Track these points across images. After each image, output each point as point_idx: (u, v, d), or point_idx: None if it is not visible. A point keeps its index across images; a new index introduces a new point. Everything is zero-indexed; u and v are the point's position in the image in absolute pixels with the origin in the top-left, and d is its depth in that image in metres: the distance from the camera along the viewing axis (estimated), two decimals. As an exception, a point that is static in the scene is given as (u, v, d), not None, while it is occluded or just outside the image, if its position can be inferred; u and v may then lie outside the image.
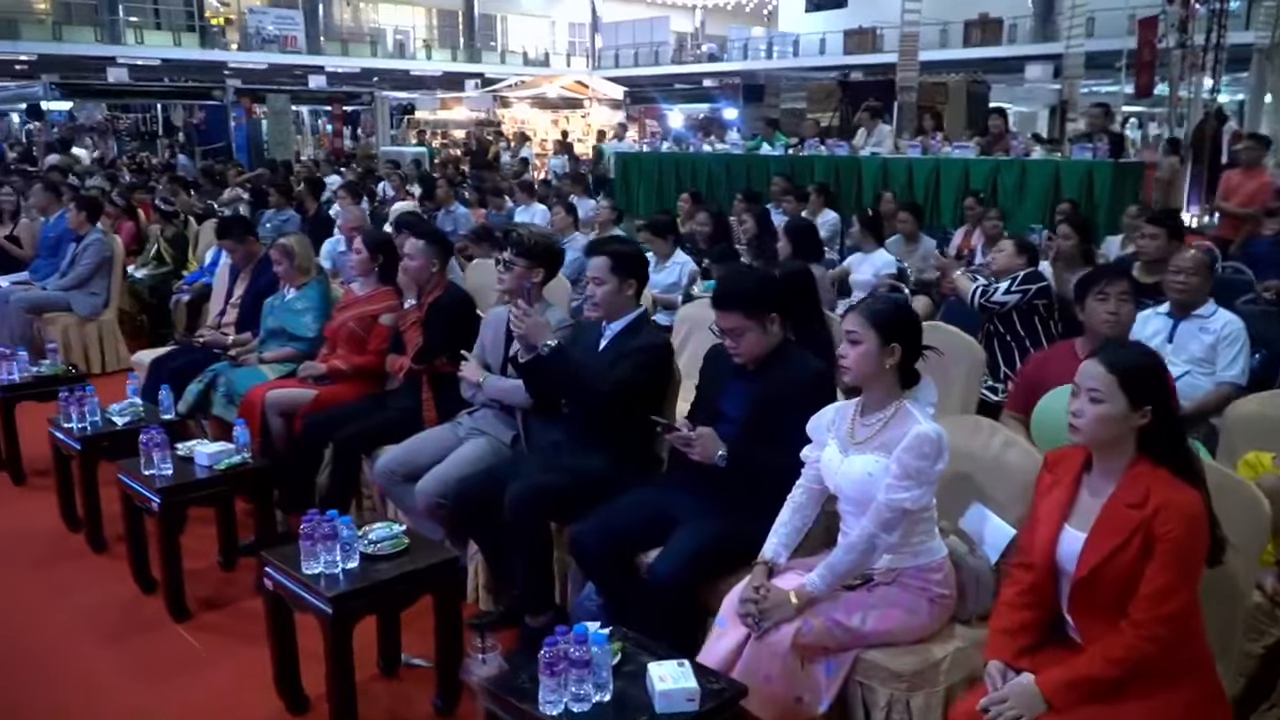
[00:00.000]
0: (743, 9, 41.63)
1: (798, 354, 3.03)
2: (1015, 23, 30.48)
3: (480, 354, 3.88)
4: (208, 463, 3.58)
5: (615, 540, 2.98)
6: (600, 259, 3.39)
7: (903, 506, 2.37)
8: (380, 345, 4.45)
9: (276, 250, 4.81)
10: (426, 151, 17.68)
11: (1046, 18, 29.90)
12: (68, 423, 4.05)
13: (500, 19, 40.36)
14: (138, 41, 29.01)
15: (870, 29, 32.01)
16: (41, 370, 4.87)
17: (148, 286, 7.59)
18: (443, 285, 4.19)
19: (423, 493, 3.51)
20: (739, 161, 10.69)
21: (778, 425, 2.87)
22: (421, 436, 3.84)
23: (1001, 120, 9.56)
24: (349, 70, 31.80)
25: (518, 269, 3.70)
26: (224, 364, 4.79)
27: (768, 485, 2.86)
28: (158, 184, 11.53)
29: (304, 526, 2.71)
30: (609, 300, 3.38)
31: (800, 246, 5.29)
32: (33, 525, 4.37)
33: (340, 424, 4.12)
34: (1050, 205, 8.25)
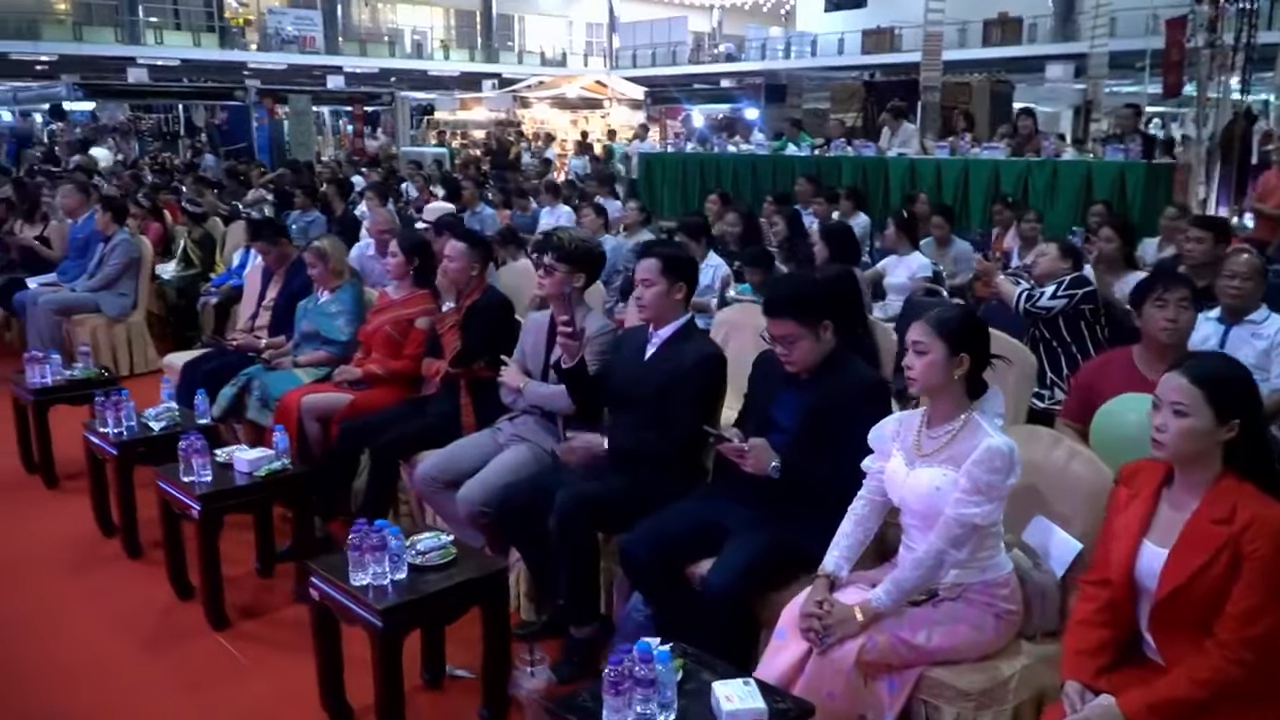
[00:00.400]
0: (760, 9, 41.52)
1: (852, 361, 2.97)
2: (1035, 22, 30.31)
3: (520, 359, 3.82)
4: (247, 469, 3.53)
5: (664, 550, 2.92)
6: (650, 260, 3.33)
7: (972, 522, 2.30)
8: (416, 350, 4.40)
9: (311, 253, 4.77)
10: (447, 152, 17.66)
11: (1067, 17, 29.72)
12: (103, 427, 4.02)
13: (518, 19, 40.39)
14: (158, 42, 29.12)
15: (889, 29, 31.88)
16: (74, 374, 4.85)
17: (175, 288, 7.57)
18: (482, 288, 4.14)
19: (465, 501, 3.46)
20: (764, 162, 10.62)
21: (832, 435, 2.80)
22: (461, 443, 3.79)
23: (1031, 121, 9.45)
24: (367, 70, 31.85)
25: (558, 274, 3.65)
26: (258, 368, 4.75)
27: (822, 496, 2.81)
28: (181, 184, 11.56)
29: (352, 537, 2.66)
30: (657, 303, 3.32)
31: (838, 250, 5.22)
32: (66, 530, 4.34)
33: (377, 429, 4.07)
34: (1082, 207, 8.17)
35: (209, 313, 7.25)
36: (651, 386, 3.27)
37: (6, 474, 4.99)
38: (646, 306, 3.33)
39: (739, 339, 4.31)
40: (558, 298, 3.66)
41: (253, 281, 5.71)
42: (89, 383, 4.82)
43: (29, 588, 3.87)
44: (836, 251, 5.21)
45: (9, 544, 4.25)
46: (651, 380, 3.28)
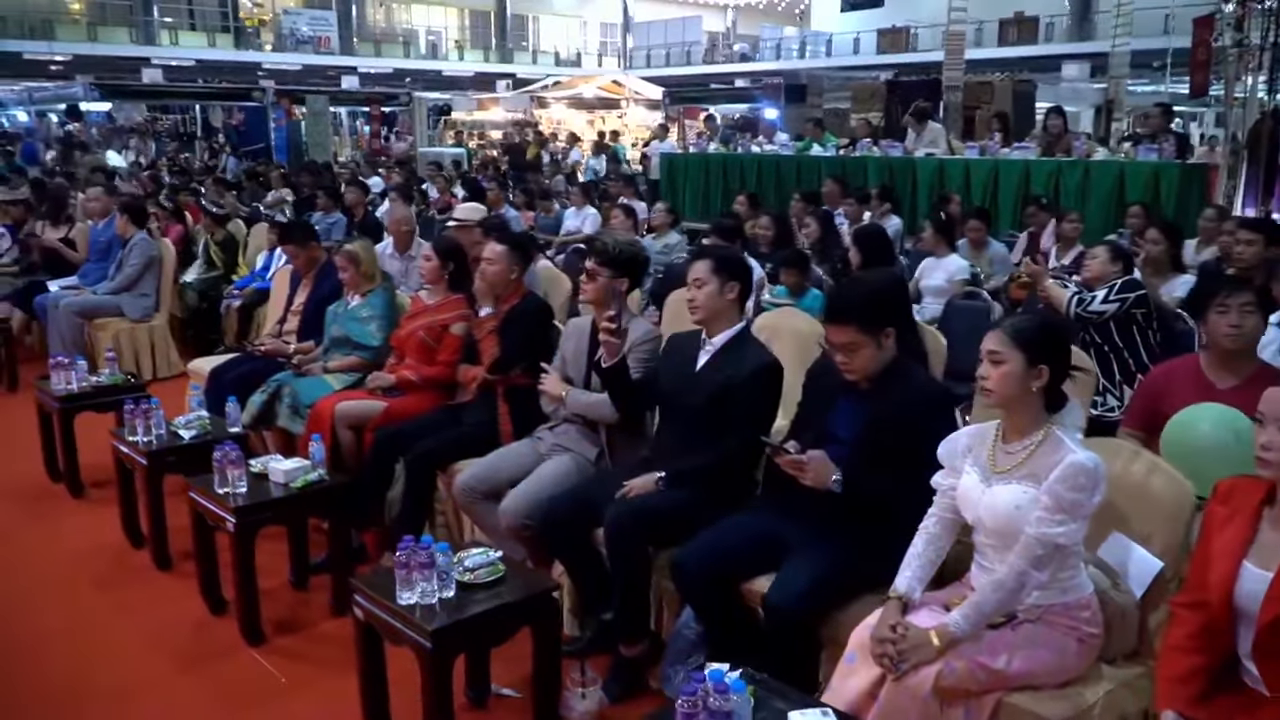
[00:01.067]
0: (775, 8, 41.37)
1: (913, 369, 2.86)
2: (1052, 21, 30.16)
3: (560, 366, 3.72)
4: (283, 480, 3.44)
5: (719, 566, 2.81)
6: (703, 260, 3.23)
7: (1055, 542, 2.19)
8: (451, 356, 4.30)
9: (342, 256, 4.68)
10: (465, 152, 17.57)
11: (1084, 16, 29.57)
12: (132, 436, 3.93)
13: (532, 19, 40.33)
14: (172, 42, 29.18)
15: (904, 28, 31.76)
16: (101, 380, 4.76)
17: (197, 290, 7.50)
18: (520, 293, 4.04)
19: (507, 513, 3.36)
20: (789, 162, 10.49)
21: (895, 447, 2.69)
22: (501, 453, 3.68)
23: (1061, 120, 9.29)
24: (382, 71, 31.84)
25: (601, 279, 3.54)
26: (287, 374, 4.66)
27: (885, 510, 2.70)
28: (200, 185, 11.50)
29: (399, 554, 2.55)
30: (710, 304, 3.21)
31: (871, 253, 5.09)
32: (94, 541, 4.26)
33: (412, 438, 3.97)
34: (1115, 208, 8.03)
35: (232, 316, 7.17)
36: (703, 395, 3.17)
37: (31, 483, 4.91)
38: (699, 308, 3.23)
39: (779, 344, 4.15)
40: (601, 301, 3.57)
41: (280, 285, 5.62)
42: (116, 389, 4.74)
43: (58, 601, 3.79)
44: (869, 255, 5.09)
45: (37, 556, 4.17)
46: (703, 389, 3.18)
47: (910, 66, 26.92)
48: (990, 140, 9.37)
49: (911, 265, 6.40)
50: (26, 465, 5.04)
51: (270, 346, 4.99)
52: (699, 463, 3.11)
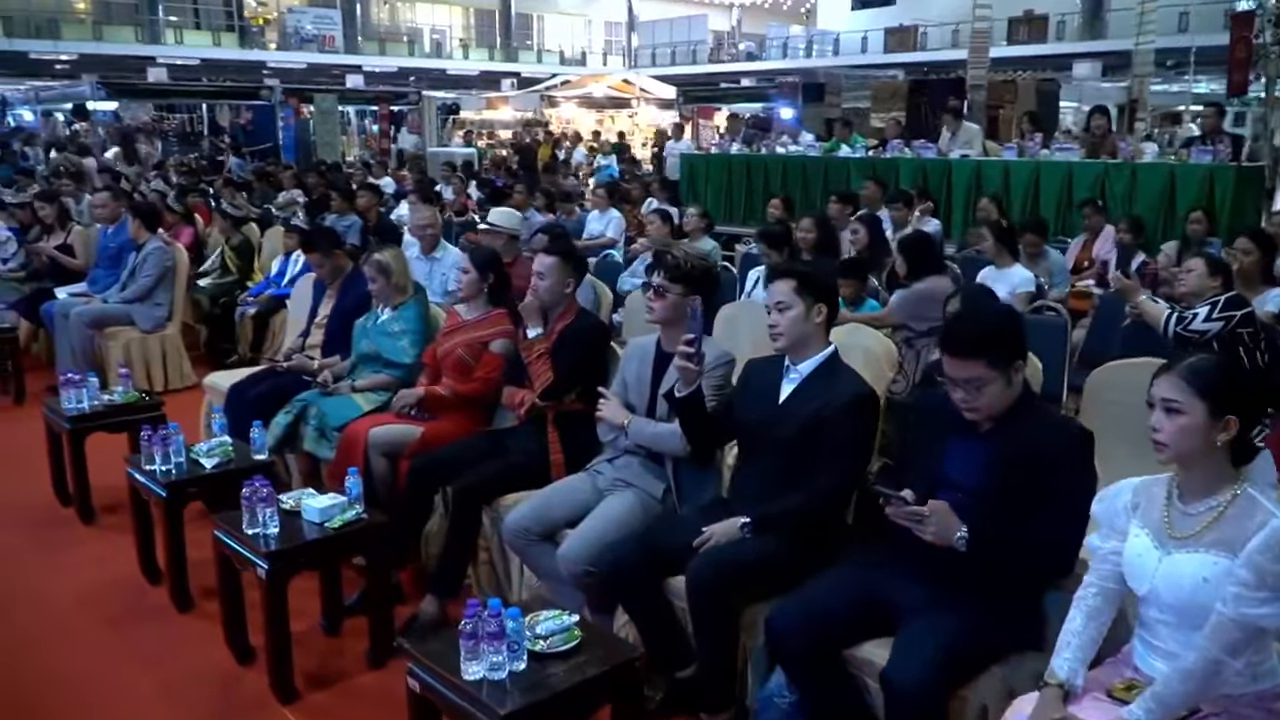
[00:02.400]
0: (780, 7, 41.08)
1: (1044, 408, 2.52)
2: (1063, 20, 29.87)
3: (621, 392, 3.38)
4: (319, 519, 3.10)
5: (819, 629, 2.47)
6: (784, 280, 2.89)
7: (1258, 625, 1.85)
8: (489, 374, 3.96)
9: (371, 266, 4.34)
10: (476, 152, 17.23)
11: (1095, 15, 29.28)
12: (149, 464, 3.59)
13: (537, 18, 40.07)
14: (177, 41, 28.89)
15: (912, 27, 31.48)
16: (114, 398, 4.42)
17: (210, 297, 7.16)
18: (574, 310, 3.70)
19: (568, 559, 3.02)
20: (816, 164, 10.14)
21: (1027, 496, 2.36)
22: (556, 488, 3.34)
23: (1105, 120, 8.94)
24: (386, 70, 31.54)
25: (671, 296, 3.21)
26: (313, 393, 4.33)
27: (1017, 570, 2.37)
28: (208, 186, 11.18)
29: (466, 623, 2.22)
30: (796, 329, 2.88)
31: (919, 261, 4.75)
32: (106, 575, 3.92)
33: (453, 468, 3.64)
34: (1166, 212, 7.69)
35: (247, 324, 6.85)
36: (791, 430, 2.83)
37: (39, 506, 4.58)
38: (783, 334, 2.89)
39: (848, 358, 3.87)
40: (670, 321, 3.24)
41: (302, 295, 5.30)
42: (130, 408, 4.40)
43: (67, 643, 3.46)
44: (917, 263, 4.75)
45: (44, 590, 3.84)
46: (792, 422, 2.84)
47: (919, 65, 26.61)
48: (1030, 141, 9.02)
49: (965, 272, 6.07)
50: (34, 487, 4.71)
51: (294, 362, 4.66)
52: (789, 506, 2.78)
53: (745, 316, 4.63)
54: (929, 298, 4.51)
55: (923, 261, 4.73)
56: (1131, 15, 27.55)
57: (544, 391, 3.55)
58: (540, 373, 3.57)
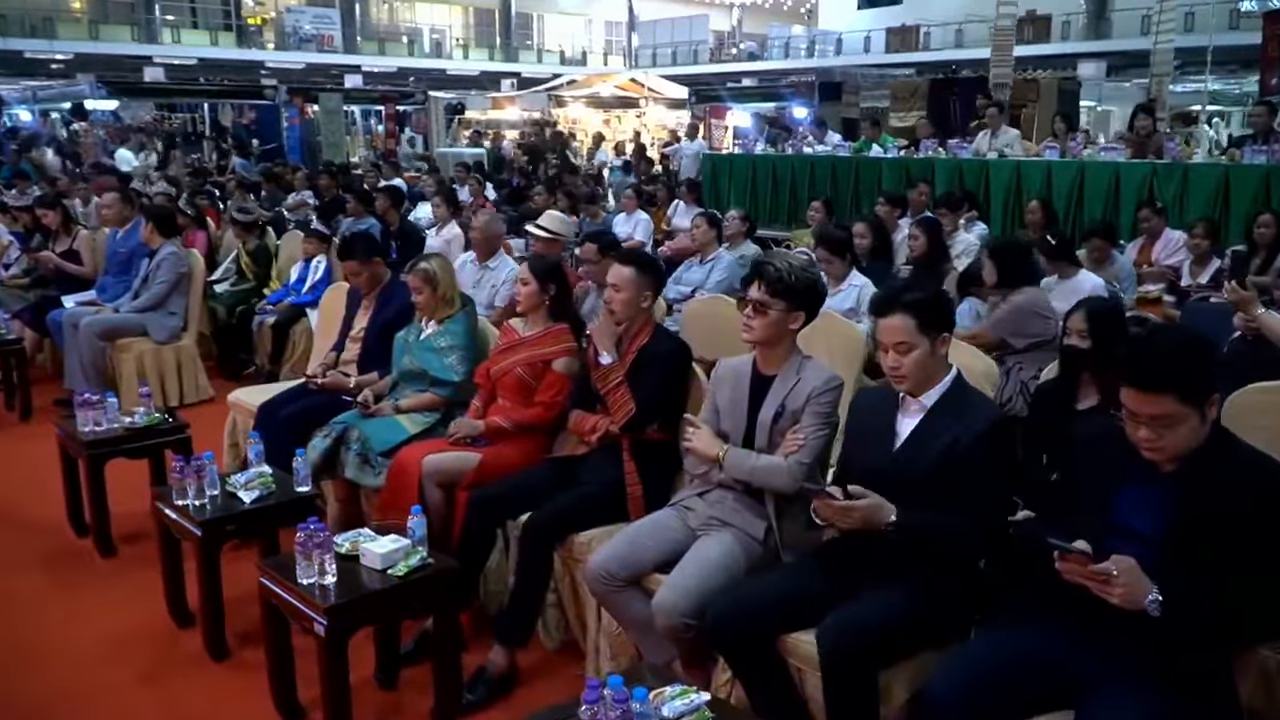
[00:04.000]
0: (780, 7, 40.81)
1: (1238, 443, 2.18)
2: (1068, 19, 29.71)
3: (711, 419, 3.03)
4: (380, 565, 2.75)
5: (981, 703, 2.13)
6: (902, 317, 2.51)
7: None
8: (551, 397, 3.62)
9: (416, 276, 3.99)
10: (485, 152, 16.87)
11: (1100, 14, 29.12)
12: (182, 499, 3.24)
13: (537, 17, 39.79)
14: (175, 41, 28.52)
15: (914, 27, 31.29)
16: (135, 421, 4.07)
17: (226, 305, 6.80)
18: (651, 327, 3.35)
19: (665, 611, 2.67)
20: (845, 164, 9.82)
21: (1231, 550, 2.02)
22: (642, 527, 2.99)
23: (1149, 120, 8.62)
24: (386, 70, 31.19)
25: (774, 313, 2.86)
26: (352, 414, 3.99)
27: (1212, 635, 2.03)
28: (215, 188, 10.82)
29: (586, 709, 1.88)
30: (920, 370, 2.53)
31: (1012, 270, 4.39)
32: (134, 618, 3.56)
33: (517, 501, 3.32)
34: (1219, 215, 7.36)
35: (266, 334, 6.49)
36: (921, 472, 2.48)
37: (54, 538, 4.22)
38: (907, 377, 2.53)
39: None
40: (771, 341, 2.89)
41: (333, 306, 4.95)
42: (152, 432, 4.05)
43: (94, 699, 3.10)
44: (1010, 273, 4.40)
45: (66, 637, 3.47)
46: (920, 464, 2.49)
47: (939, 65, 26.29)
48: (1072, 141, 8.71)
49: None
50: (48, 514, 4.37)
51: (329, 380, 4.32)
52: (940, 525, 2.42)
53: (820, 327, 4.29)
54: (1030, 311, 4.17)
55: (1019, 271, 4.37)
56: (1135, 16, 27.50)
57: (625, 423, 3.20)
58: (620, 402, 3.22)
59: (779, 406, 2.88)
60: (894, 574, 2.43)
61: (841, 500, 2.40)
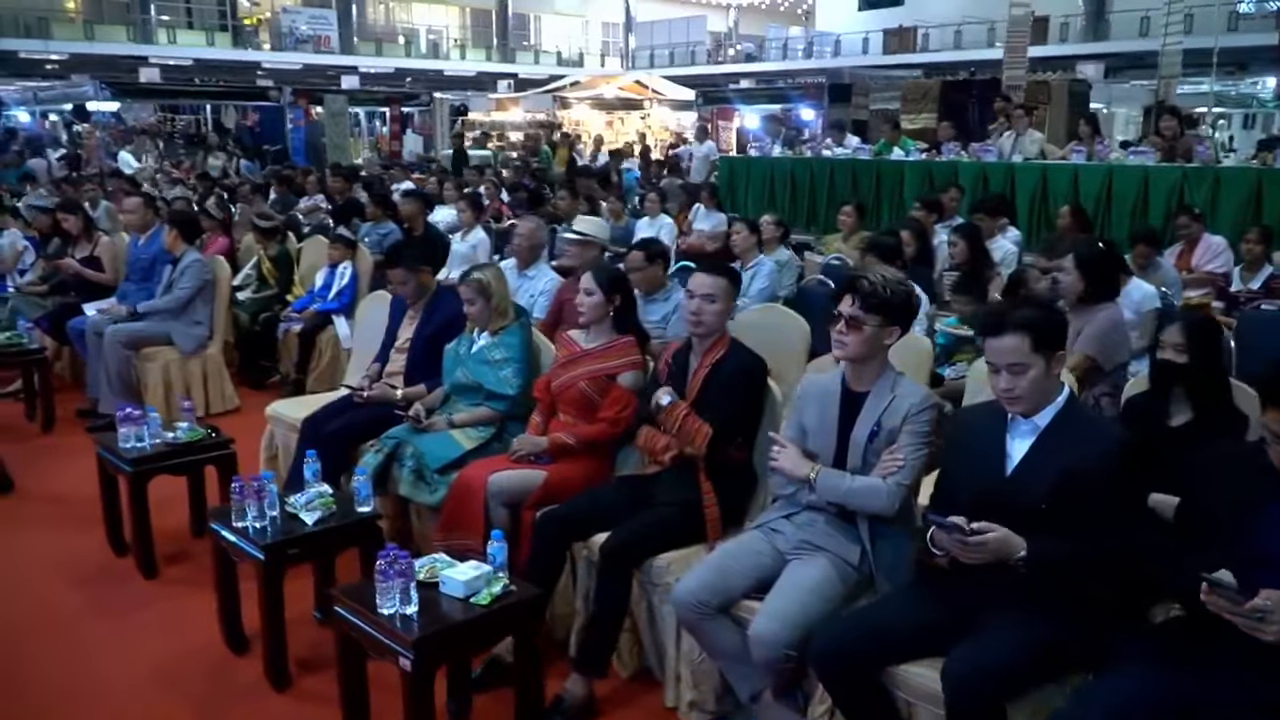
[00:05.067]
0: (777, 8, 40.76)
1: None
2: (1067, 21, 29.76)
3: (797, 437, 2.91)
4: (463, 593, 2.62)
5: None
6: (1016, 337, 2.37)
7: None
8: (616, 412, 3.49)
9: (469, 287, 3.87)
10: (491, 154, 16.72)
11: (1099, 16, 29.17)
12: (240, 520, 3.10)
13: (534, 18, 39.68)
14: (170, 41, 28.30)
15: (911, 28, 31.30)
16: (178, 436, 3.93)
17: (249, 313, 6.65)
18: (727, 340, 3.22)
19: (765, 643, 2.54)
20: (866, 167, 9.71)
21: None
22: (730, 552, 2.86)
23: (1176, 122, 8.52)
24: (383, 70, 31.00)
25: (868, 329, 2.74)
26: (403, 428, 3.86)
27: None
28: (224, 191, 10.66)
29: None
30: (1036, 391, 2.40)
31: (1098, 286, 4.20)
32: (184, 644, 3.42)
33: (587, 521, 3.19)
34: (1252, 221, 7.27)
35: (292, 342, 6.35)
36: (1040, 495, 2.36)
37: (92, 557, 4.07)
38: (1022, 399, 2.41)
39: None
40: (865, 358, 2.77)
41: (371, 316, 4.83)
42: (196, 447, 3.92)
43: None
44: (1097, 282, 4.23)
45: (115, 661, 3.33)
46: (1038, 489, 2.37)
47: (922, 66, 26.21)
48: (1099, 144, 8.61)
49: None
50: (82, 532, 4.24)
51: (376, 393, 4.18)
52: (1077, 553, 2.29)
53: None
54: (1119, 328, 4.00)
55: (1107, 284, 4.18)
56: (1134, 17, 27.49)
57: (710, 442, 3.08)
58: (693, 430, 3.09)
59: (874, 425, 2.76)
60: (1019, 605, 2.31)
61: (972, 533, 2.26)
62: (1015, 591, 2.33)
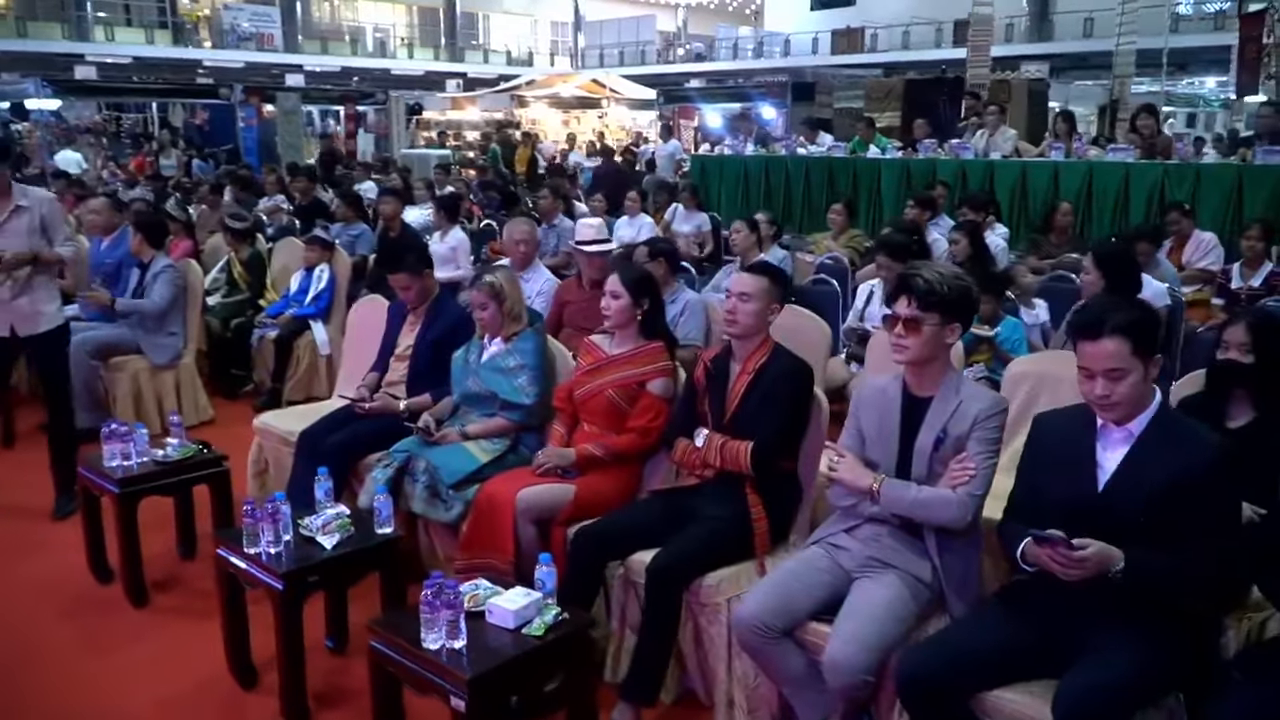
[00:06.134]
0: (726, 8, 40.84)
1: None
2: (1012, 22, 30.23)
3: (854, 446, 2.75)
4: (514, 624, 2.42)
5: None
6: (1116, 341, 2.22)
7: None
8: (648, 422, 3.31)
9: (482, 291, 3.65)
10: (450, 154, 16.38)
11: (1043, 17, 29.66)
12: (254, 547, 2.86)
13: (482, 17, 39.33)
14: (108, 39, 27.52)
15: (859, 28, 31.55)
16: (169, 454, 3.66)
17: (220, 319, 6.34)
18: (770, 344, 3.05)
19: (843, 669, 2.37)
20: (843, 165, 9.61)
21: None
22: (792, 570, 2.68)
23: (1153, 119, 8.53)
24: (328, 69, 30.45)
25: (927, 329, 2.58)
26: (413, 441, 3.64)
27: None
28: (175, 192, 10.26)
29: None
30: (1134, 396, 2.26)
31: (1118, 282, 4.14)
32: (187, 676, 3.15)
33: (626, 539, 3.01)
34: (1233, 218, 7.30)
35: (267, 349, 6.06)
36: (1138, 506, 2.22)
37: (74, 586, 3.75)
38: (1119, 404, 2.26)
39: (1052, 396, 3.30)
40: (926, 360, 2.62)
41: (366, 321, 4.58)
42: (188, 465, 3.66)
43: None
44: (1116, 279, 4.15)
45: (116, 700, 3.04)
46: (1136, 497, 2.23)
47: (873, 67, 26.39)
48: (1076, 141, 8.60)
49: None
50: (60, 558, 3.96)
51: (379, 403, 3.95)
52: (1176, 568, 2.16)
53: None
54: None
55: (1128, 280, 4.12)
56: (1077, 18, 27.94)
57: (755, 449, 2.90)
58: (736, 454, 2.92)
59: (940, 432, 2.61)
60: (1120, 623, 2.17)
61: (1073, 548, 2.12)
62: (1111, 609, 2.19)
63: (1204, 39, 23.66)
